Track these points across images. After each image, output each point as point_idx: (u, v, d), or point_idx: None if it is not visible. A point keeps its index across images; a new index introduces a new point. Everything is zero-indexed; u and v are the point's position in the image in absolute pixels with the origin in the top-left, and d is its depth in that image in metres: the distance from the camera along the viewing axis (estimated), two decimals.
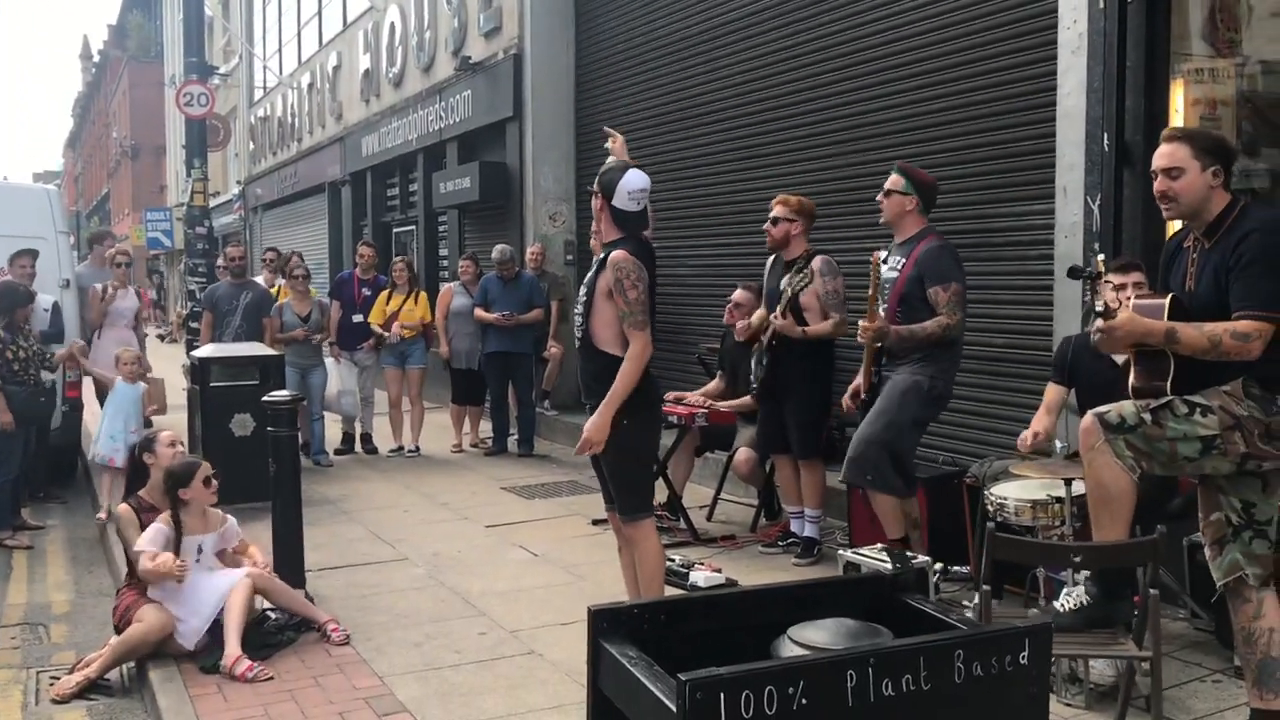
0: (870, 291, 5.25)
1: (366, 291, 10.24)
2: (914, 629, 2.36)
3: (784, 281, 6.11)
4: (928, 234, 5.42)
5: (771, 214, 6.21)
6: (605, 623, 2.37)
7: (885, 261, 5.44)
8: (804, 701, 2.01)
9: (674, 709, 1.98)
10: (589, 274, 4.53)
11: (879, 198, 5.53)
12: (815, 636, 2.26)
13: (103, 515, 7.63)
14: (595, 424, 4.36)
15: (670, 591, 4.86)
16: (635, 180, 4.49)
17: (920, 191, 5.45)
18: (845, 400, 5.72)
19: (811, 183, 7.96)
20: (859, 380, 5.59)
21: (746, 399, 6.74)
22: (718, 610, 2.54)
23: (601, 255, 4.47)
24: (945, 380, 5.44)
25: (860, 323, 5.34)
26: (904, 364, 5.39)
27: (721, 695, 1.96)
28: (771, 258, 6.41)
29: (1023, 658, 2.16)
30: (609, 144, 5.32)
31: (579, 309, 4.54)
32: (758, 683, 2.00)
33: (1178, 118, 5.57)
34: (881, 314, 5.30)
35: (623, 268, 4.33)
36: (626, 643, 2.28)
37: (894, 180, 5.47)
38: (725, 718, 1.96)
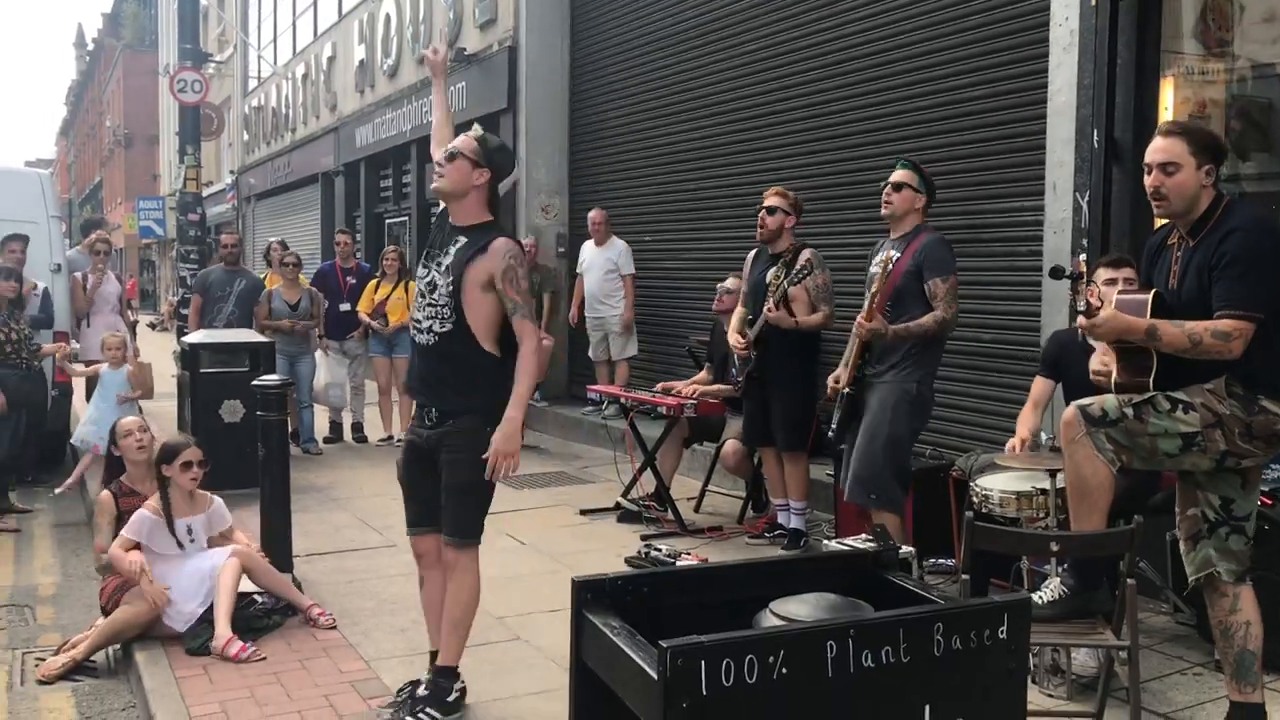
0: (874, 288, 5.18)
1: (351, 280, 10.24)
2: (896, 606, 2.39)
3: (770, 274, 6.10)
4: (925, 228, 5.36)
5: (767, 203, 6.19)
6: (589, 594, 2.38)
7: (872, 259, 5.42)
8: (784, 671, 2.03)
9: (655, 676, 2.00)
10: (446, 258, 3.91)
11: (886, 191, 5.36)
12: (797, 610, 2.28)
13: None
14: (507, 435, 3.81)
15: None
16: (515, 171, 4.21)
17: (929, 189, 5.38)
18: (829, 382, 5.63)
19: (802, 177, 7.98)
20: (841, 371, 5.54)
21: (733, 386, 6.73)
22: (701, 584, 2.56)
23: (460, 238, 3.92)
24: (929, 383, 5.36)
25: (859, 318, 5.26)
26: (887, 369, 5.28)
27: (703, 663, 1.98)
28: (754, 252, 6.42)
29: (1001, 632, 2.19)
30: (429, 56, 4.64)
31: (434, 299, 3.91)
32: (739, 651, 2.01)
33: (1167, 116, 5.60)
34: (876, 313, 5.24)
35: (515, 255, 3.87)
36: (610, 614, 2.30)
37: (907, 175, 5.33)
38: (706, 685, 1.97)
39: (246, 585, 5.06)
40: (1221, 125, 5.65)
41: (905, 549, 4.98)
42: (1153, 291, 3.67)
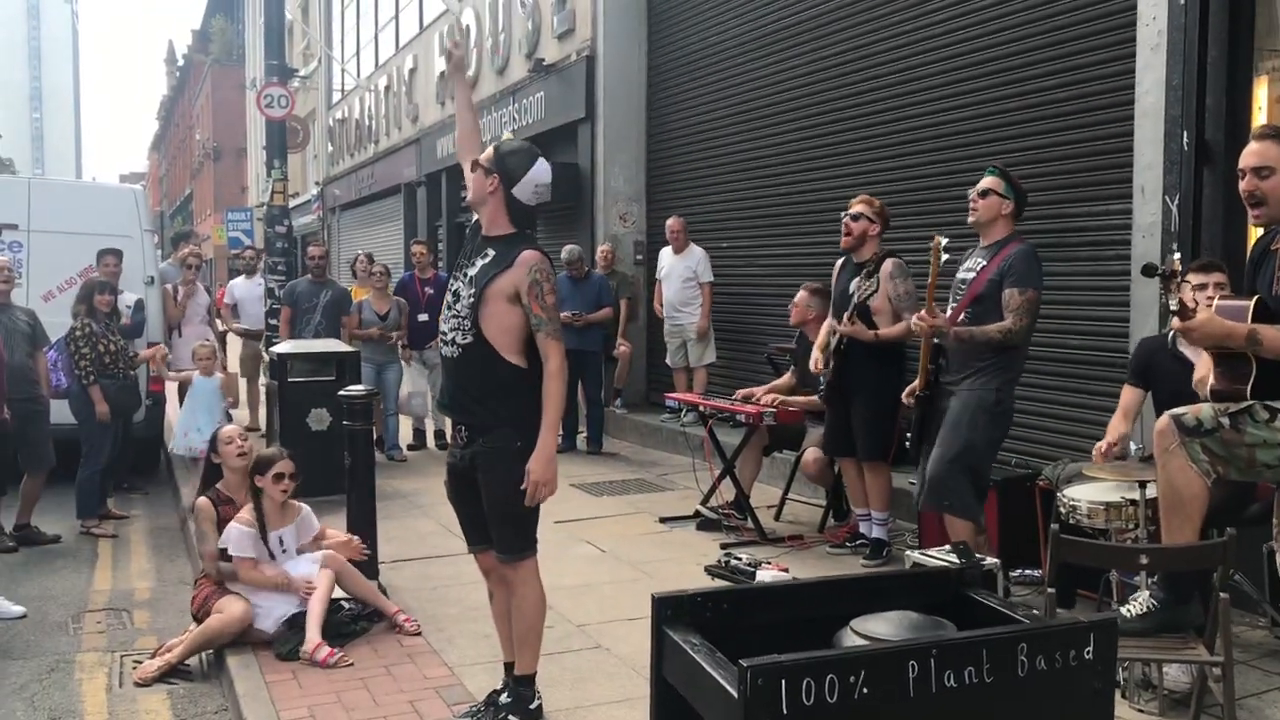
0: (929, 280, 5.14)
1: (429, 290, 10.38)
2: (979, 624, 2.35)
3: (853, 284, 6.06)
4: (1016, 238, 5.23)
5: (852, 210, 6.14)
6: (669, 610, 2.38)
7: (963, 263, 5.36)
8: (865, 691, 2.02)
9: (736, 695, 2.00)
10: (472, 269, 3.87)
11: (973, 197, 5.25)
12: (878, 628, 2.26)
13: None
14: (543, 459, 3.74)
15: None
16: (543, 172, 3.96)
17: (1018, 196, 5.26)
18: (904, 397, 5.63)
19: (884, 183, 7.91)
20: (917, 380, 5.46)
21: (814, 398, 6.72)
22: (781, 601, 2.55)
23: (489, 250, 3.89)
24: (1009, 392, 5.24)
25: (915, 317, 5.20)
26: (966, 377, 5.19)
27: (783, 682, 1.97)
28: (841, 260, 6.36)
29: (1087, 652, 2.15)
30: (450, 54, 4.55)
31: (457, 309, 3.87)
32: (819, 671, 2.00)
33: (1261, 116, 5.45)
34: (937, 310, 5.18)
35: (540, 269, 3.77)
36: (690, 630, 2.31)
37: (994, 181, 5.23)
38: (787, 705, 1.97)
39: (335, 592, 5.16)
40: None
41: (990, 560, 4.93)
42: (1255, 297, 3.57)
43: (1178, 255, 3.79)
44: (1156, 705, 4.10)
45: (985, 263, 5.18)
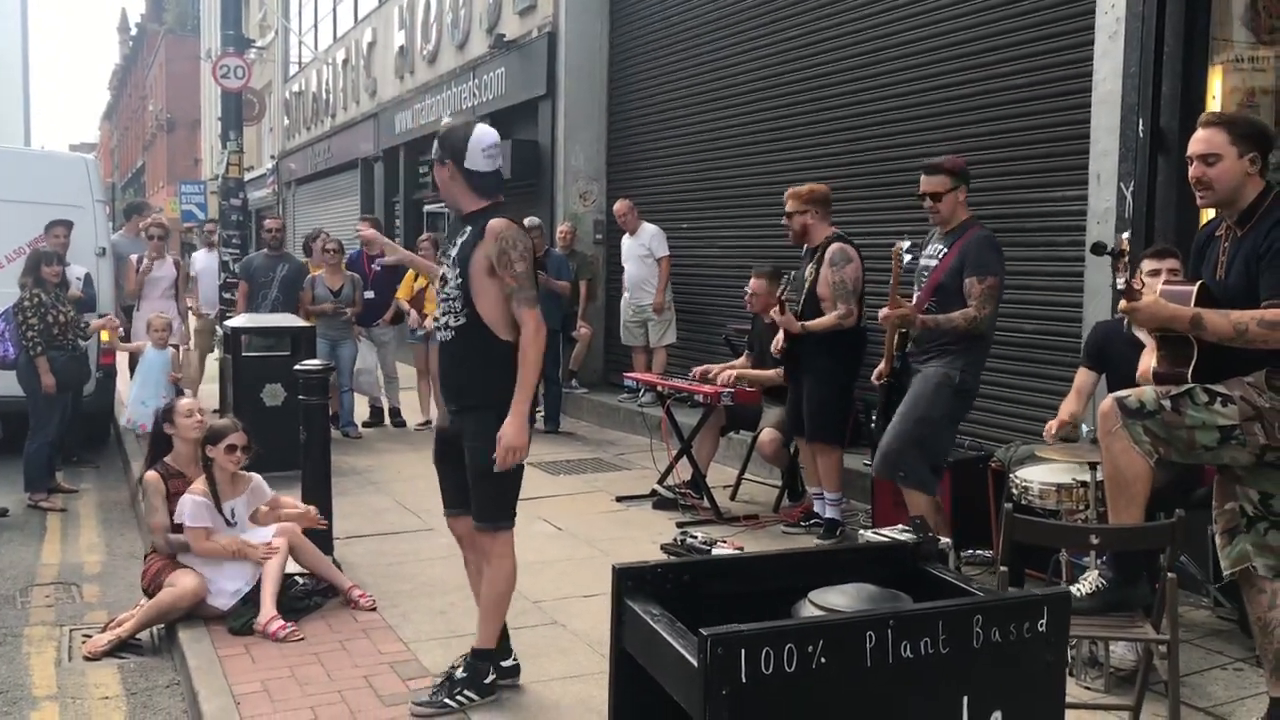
0: (891, 282, 5.18)
1: (377, 268, 10.29)
2: (935, 598, 2.39)
3: (807, 271, 6.12)
4: (974, 224, 5.30)
5: (786, 208, 6.20)
6: (630, 581, 2.41)
7: (924, 249, 5.40)
8: (823, 660, 2.05)
9: (696, 664, 2.03)
10: (454, 250, 3.93)
11: (927, 204, 5.27)
12: (836, 600, 2.29)
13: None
14: (515, 425, 3.76)
15: None
16: (485, 134, 3.96)
17: (964, 178, 5.29)
18: (873, 379, 5.67)
19: (842, 165, 7.95)
20: (884, 365, 5.55)
21: (773, 372, 6.73)
22: (740, 573, 2.59)
23: (465, 227, 3.96)
24: (974, 374, 5.32)
25: (881, 311, 5.26)
26: (932, 357, 5.28)
27: (743, 651, 2.00)
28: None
29: (1040, 625, 2.20)
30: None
31: (446, 292, 3.93)
32: (778, 640, 2.04)
33: (1215, 105, 5.52)
34: (903, 300, 5.23)
35: (506, 237, 3.79)
36: (650, 601, 2.33)
37: (939, 182, 5.22)
38: (746, 673, 1.99)
39: (289, 566, 5.13)
40: (1272, 114, 5.57)
41: (943, 540, 4.99)
42: (1199, 282, 3.63)
43: (1127, 235, 3.84)
44: (1103, 683, 4.18)
45: (946, 249, 5.24)
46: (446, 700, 3.97)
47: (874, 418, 5.61)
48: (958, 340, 5.20)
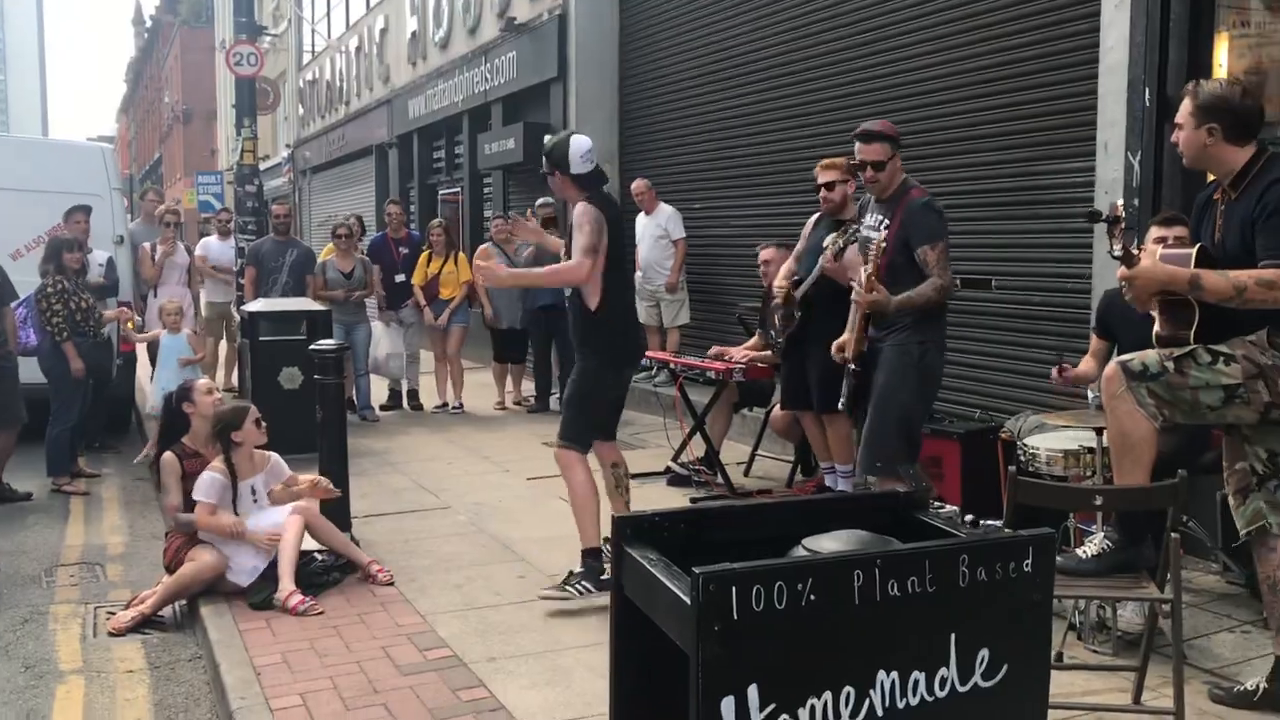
0: (870, 268, 4.89)
1: (404, 250, 10.36)
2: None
3: (829, 239, 5.93)
4: (910, 188, 5.03)
5: (823, 179, 6.05)
6: (629, 529, 2.54)
7: (863, 219, 5.22)
8: (812, 598, 2.13)
9: (689, 602, 2.10)
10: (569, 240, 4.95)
11: (867, 174, 5.06)
12: (829, 546, 2.35)
13: (139, 459, 8.32)
14: (504, 271, 5.67)
15: None
16: (581, 142, 4.92)
17: (899, 143, 5.09)
18: (833, 351, 5.33)
19: (852, 141, 7.93)
20: (848, 338, 5.20)
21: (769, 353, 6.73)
22: (737, 522, 2.68)
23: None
24: (936, 345, 5.09)
25: (854, 293, 5.05)
26: (892, 332, 5.03)
27: (734, 589, 2.08)
28: (815, 216, 6.34)
29: (1026, 565, 2.26)
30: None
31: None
32: (769, 578, 2.12)
33: (1221, 73, 5.51)
34: (877, 284, 4.99)
35: (583, 214, 4.81)
36: (648, 548, 2.42)
37: (880, 149, 5.01)
38: (737, 610, 2.08)
39: (308, 543, 5.21)
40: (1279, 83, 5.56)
41: (949, 508, 4.98)
42: (1197, 245, 3.66)
43: (1121, 201, 3.86)
44: (1110, 646, 4.22)
45: (887, 219, 5.02)
46: (568, 588, 4.80)
47: (841, 402, 5.42)
48: (912, 315, 4.97)
